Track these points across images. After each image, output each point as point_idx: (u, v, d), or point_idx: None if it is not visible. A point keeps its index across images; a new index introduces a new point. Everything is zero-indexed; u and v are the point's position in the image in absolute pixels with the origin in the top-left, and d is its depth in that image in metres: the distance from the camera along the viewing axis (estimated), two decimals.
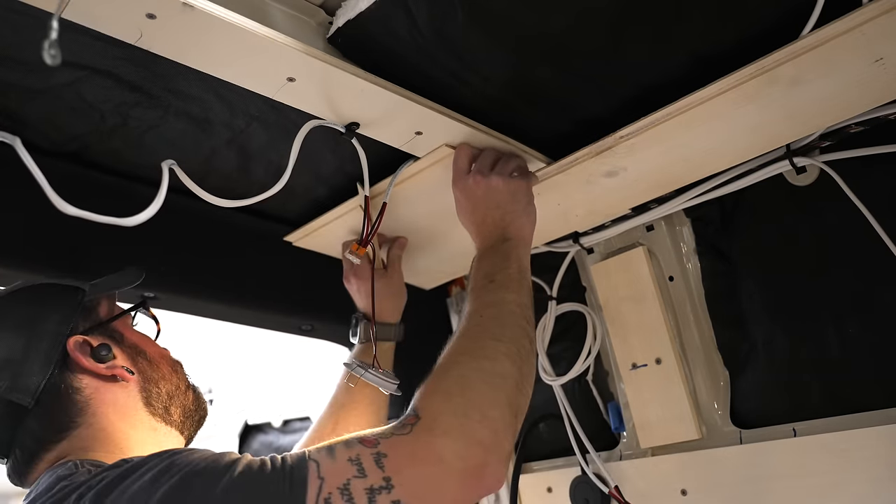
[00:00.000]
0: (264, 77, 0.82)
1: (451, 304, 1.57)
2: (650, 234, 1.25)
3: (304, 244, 1.30)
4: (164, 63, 0.78)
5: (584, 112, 1.01)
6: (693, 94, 0.88)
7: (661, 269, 1.24)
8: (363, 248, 1.00)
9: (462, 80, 0.91)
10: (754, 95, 0.87)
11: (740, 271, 1.16)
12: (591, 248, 1.33)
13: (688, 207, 1.16)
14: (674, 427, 1.20)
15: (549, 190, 1.10)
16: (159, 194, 0.76)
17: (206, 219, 1.23)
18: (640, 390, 1.24)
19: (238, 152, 1.11)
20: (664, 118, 0.92)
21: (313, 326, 1.41)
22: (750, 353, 1.15)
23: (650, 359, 1.23)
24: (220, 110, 1.00)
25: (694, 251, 1.22)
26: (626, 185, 1.08)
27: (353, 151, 0.97)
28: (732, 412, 1.17)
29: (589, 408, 1.34)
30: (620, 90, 0.96)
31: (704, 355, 1.20)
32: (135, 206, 0.75)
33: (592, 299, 1.35)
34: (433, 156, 1.01)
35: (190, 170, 0.86)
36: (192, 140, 1.06)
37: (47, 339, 0.85)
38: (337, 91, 0.85)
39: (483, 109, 0.97)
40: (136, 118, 1.01)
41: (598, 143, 0.98)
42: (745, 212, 1.15)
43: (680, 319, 1.22)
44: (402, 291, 1.24)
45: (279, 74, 0.81)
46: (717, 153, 1.01)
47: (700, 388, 1.19)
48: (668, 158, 1.01)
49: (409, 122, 0.93)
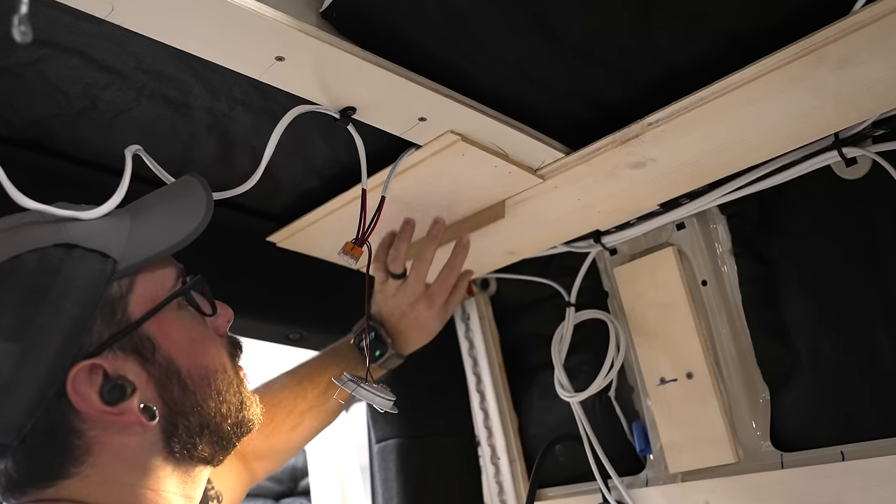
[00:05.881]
0: (250, 56, 0.82)
1: (457, 312, 1.58)
2: (681, 233, 1.25)
3: (289, 245, 1.31)
4: (138, 40, 0.78)
5: (608, 96, 1.01)
6: (730, 77, 0.88)
7: (692, 273, 1.24)
8: (359, 248, 1.00)
9: (471, 60, 0.92)
10: (799, 78, 0.87)
11: (782, 275, 1.16)
12: (615, 248, 1.33)
13: (723, 203, 1.16)
14: (707, 449, 1.20)
15: (568, 183, 1.10)
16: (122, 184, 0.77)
17: None
18: (668, 408, 1.25)
19: (219, 139, 1.11)
20: (698, 103, 0.92)
21: (302, 335, 1.41)
22: (793, 366, 1.15)
23: (680, 373, 1.23)
24: (200, 93, 1.00)
25: (730, 252, 1.22)
26: (654, 177, 1.08)
27: (349, 139, 0.97)
28: (773, 433, 1.17)
29: (611, 427, 1.34)
30: (648, 72, 0.96)
31: (741, 369, 1.20)
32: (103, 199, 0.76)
33: (615, 306, 1.35)
34: (436, 144, 1.02)
35: (166, 158, 0.86)
36: (168, 126, 1.06)
37: (46, 357, 0.70)
38: (331, 72, 0.86)
39: (494, 93, 0.97)
40: (105, 101, 1.01)
41: (623, 130, 0.98)
42: (787, 208, 1.15)
43: (714, 329, 1.22)
44: (435, 329, 1.27)
45: (266, 53, 0.81)
46: (756, 143, 1.01)
47: (736, 406, 1.20)
48: (701, 148, 1.02)
49: (412, 106, 0.94)
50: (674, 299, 1.24)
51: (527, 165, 1.09)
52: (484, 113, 0.97)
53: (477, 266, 1.39)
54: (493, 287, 1.56)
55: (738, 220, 1.21)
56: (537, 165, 1.09)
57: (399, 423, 1.49)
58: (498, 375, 1.51)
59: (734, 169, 1.08)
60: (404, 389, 1.06)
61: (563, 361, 1.30)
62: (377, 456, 1.52)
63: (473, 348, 1.54)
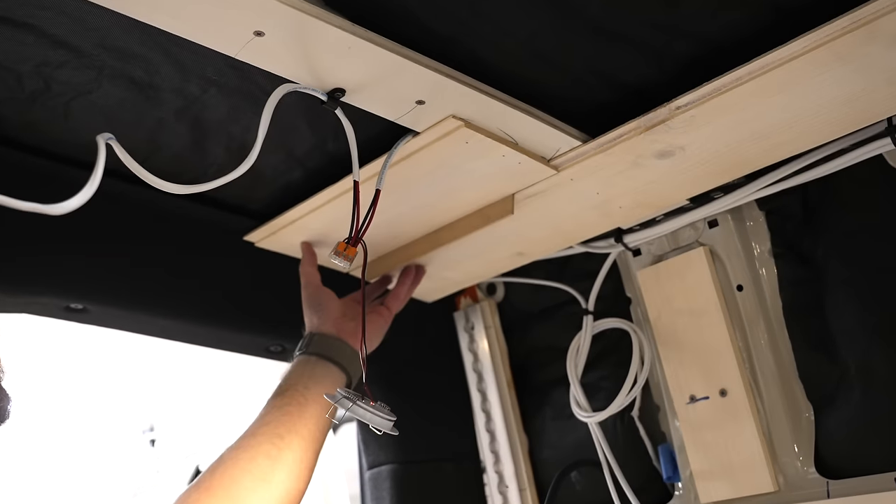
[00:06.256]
0: (225, 31, 0.82)
1: (460, 321, 1.58)
2: (713, 232, 1.25)
3: (269, 245, 1.31)
4: (99, 13, 0.78)
5: (631, 76, 1.01)
6: (770, 54, 0.88)
7: (726, 276, 1.24)
8: (353, 248, 0.99)
9: (476, 36, 0.91)
10: (847, 56, 0.87)
11: (828, 278, 1.16)
12: (638, 248, 1.33)
13: (762, 198, 1.17)
14: (742, 477, 1.20)
15: (586, 175, 1.10)
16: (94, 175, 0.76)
17: (150, 210, 1.23)
18: (699, 430, 1.24)
19: (191, 126, 1.11)
20: (732, 84, 0.92)
21: (284, 347, 1.41)
22: (840, 382, 1.15)
23: (712, 390, 1.23)
24: (169, 73, 1.00)
25: (769, 253, 1.22)
26: (682, 168, 1.08)
27: (337, 125, 0.97)
28: (817, 458, 1.16)
29: (634, 452, 1.34)
30: (677, 48, 0.96)
31: (782, 385, 1.20)
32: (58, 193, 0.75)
33: (639, 314, 1.35)
34: (436, 130, 1.02)
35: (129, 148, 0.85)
36: (132, 110, 1.06)
37: None
38: (317, 48, 0.86)
39: (501, 72, 0.97)
40: (61, 82, 1.01)
41: (649, 115, 0.98)
42: (834, 203, 1.15)
43: (751, 340, 1.22)
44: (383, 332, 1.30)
45: (244, 27, 0.81)
46: (798, 129, 1.01)
47: (776, 428, 1.19)
48: (736, 135, 1.01)
49: (409, 88, 0.94)
50: (705, 306, 1.23)
51: (539, 155, 1.08)
52: (490, 95, 0.97)
53: (483, 269, 1.39)
54: (501, 293, 1.55)
55: (779, 216, 1.21)
56: (551, 155, 1.09)
57: (394, 447, 1.49)
58: (506, 392, 1.51)
59: (774, 159, 1.08)
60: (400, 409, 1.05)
61: (579, 377, 1.30)
62: (369, 483, 1.52)
63: (478, 362, 1.54)
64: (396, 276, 1.34)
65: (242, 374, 2.32)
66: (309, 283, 1.26)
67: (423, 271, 1.35)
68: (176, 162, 1.17)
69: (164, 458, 3.26)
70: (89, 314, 1.21)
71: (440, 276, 1.40)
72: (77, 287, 1.18)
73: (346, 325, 1.21)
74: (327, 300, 1.24)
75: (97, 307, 1.20)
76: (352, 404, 1.00)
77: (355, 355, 1.19)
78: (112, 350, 2.78)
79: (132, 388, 3.28)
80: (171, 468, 3.10)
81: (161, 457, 3.41)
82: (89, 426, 3.49)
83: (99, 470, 3.53)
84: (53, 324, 1.24)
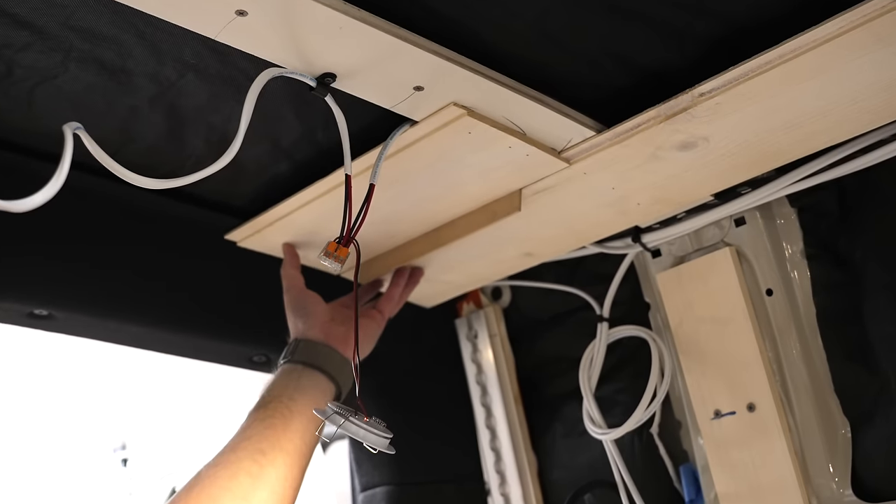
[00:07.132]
0: (204, 9, 0.82)
1: (462, 329, 1.58)
2: (740, 231, 1.25)
3: (252, 245, 1.31)
4: None
5: (650, 59, 1.01)
6: (802, 36, 0.88)
7: (755, 279, 1.24)
8: (345, 249, 0.99)
9: (479, 16, 0.92)
10: (887, 38, 0.87)
11: (866, 282, 1.16)
12: (658, 249, 1.33)
13: (793, 193, 1.17)
14: (772, 500, 1.20)
15: (601, 168, 1.10)
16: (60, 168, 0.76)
17: (122, 207, 1.23)
18: (724, 448, 1.24)
19: (167, 114, 1.11)
20: (761, 69, 0.92)
21: (268, 358, 1.42)
22: (880, 395, 1.15)
23: (740, 404, 1.23)
24: (143, 56, 1.00)
25: (801, 254, 1.22)
26: (706, 161, 1.08)
27: (328, 113, 0.97)
28: (854, 478, 1.17)
29: (653, 472, 1.34)
30: (701, 29, 0.96)
31: (815, 399, 1.20)
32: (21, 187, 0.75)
33: (659, 320, 1.35)
34: (436, 119, 1.02)
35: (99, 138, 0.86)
36: (102, 97, 1.07)
37: None
38: (305, 29, 0.86)
39: (508, 56, 0.97)
40: (24, 66, 1.01)
41: (669, 102, 0.99)
42: (873, 199, 1.16)
43: (782, 349, 1.22)
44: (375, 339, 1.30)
45: (225, 6, 0.81)
46: (833, 118, 1.01)
47: (809, 445, 1.20)
48: (765, 125, 1.02)
49: (407, 72, 0.94)
50: (731, 312, 1.24)
51: (549, 146, 1.09)
52: (495, 81, 0.97)
53: (487, 271, 1.39)
54: (507, 297, 1.56)
55: (812, 213, 1.21)
56: (562, 146, 1.09)
57: (390, 467, 1.49)
58: (512, 407, 1.51)
59: (807, 151, 1.08)
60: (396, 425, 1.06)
61: (593, 390, 1.30)
62: None
63: (482, 374, 1.54)
64: (389, 279, 1.34)
65: (223, 387, 2.32)
66: (292, 287, 1.26)
67: (421, 273, 1.35)
68: (150, 154, 1.17)
69: (137, 480, 3.26)
70: (55, 321, 1.21)
71: (440, 279, 1.40)
72: (41, 291, 1.18)
73: (334, 331, 1.21)
74: (313, 304, 1.24)
75: (63, 313, 1.21)
76: (344, 420, 0.99)
77: (345, 363, 1.19)
78: (80, 360, 2.79)
79: (102, 403, 3.28)
80: (146, 490, 3.10)
81: (134, 478, 3.41)
82: (55, 444, 3.49)
83: (66, 493, 3.52)
84: (16, 331, 1.24)
